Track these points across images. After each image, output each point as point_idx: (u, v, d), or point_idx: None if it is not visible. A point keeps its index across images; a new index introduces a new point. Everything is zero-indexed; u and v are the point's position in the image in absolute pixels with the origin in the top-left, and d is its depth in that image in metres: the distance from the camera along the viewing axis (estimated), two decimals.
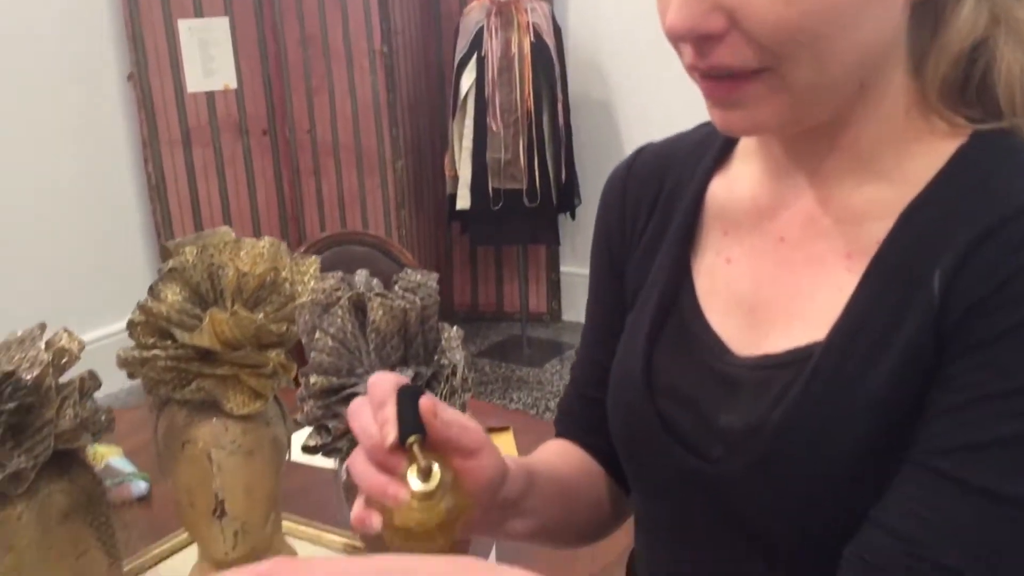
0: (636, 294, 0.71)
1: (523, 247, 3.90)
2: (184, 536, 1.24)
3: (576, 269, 3.98)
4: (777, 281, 0.62)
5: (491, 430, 1.54)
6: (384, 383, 0.61)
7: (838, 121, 0.59)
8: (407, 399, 0.59)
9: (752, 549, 0.61)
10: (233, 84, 3.60)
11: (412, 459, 0.58)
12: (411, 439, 0.57)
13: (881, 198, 0.58)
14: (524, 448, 1.49)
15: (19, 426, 0.90)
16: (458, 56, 3.52)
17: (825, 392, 0.56)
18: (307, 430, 1.08)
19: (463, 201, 3.64)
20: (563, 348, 3.85)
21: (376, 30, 3.50)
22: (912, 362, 0.54)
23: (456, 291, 4.19)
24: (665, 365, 0.66)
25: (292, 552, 1.19)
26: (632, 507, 0.78)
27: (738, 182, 0.67)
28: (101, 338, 2.96)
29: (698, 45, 0.54)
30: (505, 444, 1.51)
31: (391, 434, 0.57)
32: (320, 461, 1.41)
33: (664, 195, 0.70)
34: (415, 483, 0.58)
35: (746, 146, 0.68)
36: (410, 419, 0.58)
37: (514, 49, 3.43)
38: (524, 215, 3.62)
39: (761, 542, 0.61)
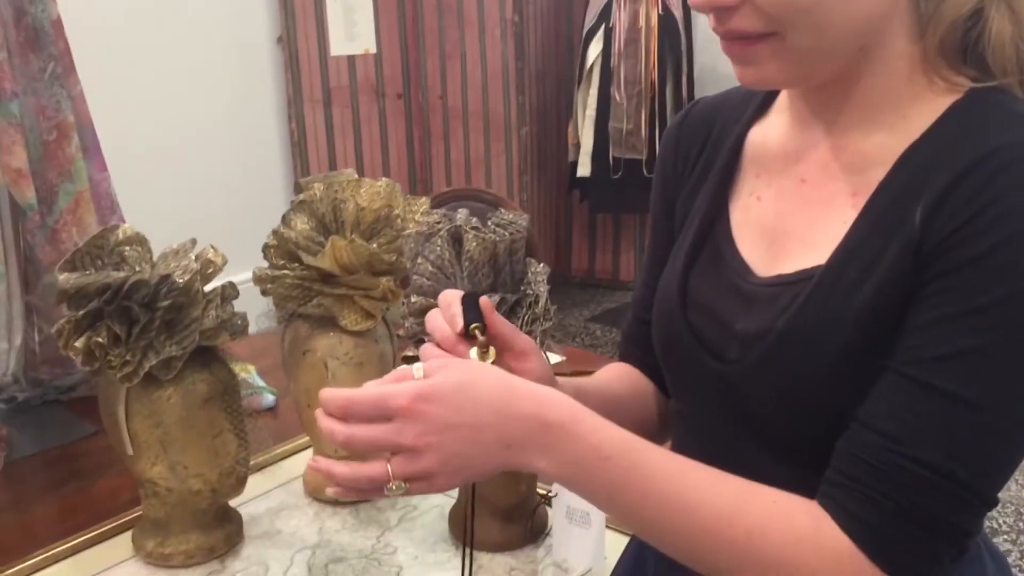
0: (682, 224, 0.81)
1: (641, 217, 3.98)
2: (302, 440, 1.42)
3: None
4: (796, 216, 0.72)
5: (578, 373, 1.66)
6: (450, 294, 0.74)
7: (848, 79, 0.68)
8: (470, 300, 0.73)
9: (759, 443, 0.71)
10: (373, 49, 3.80)
11: (474, 343, 0.71)
12: (473, 325, 0.70)
13: (885, 145, 0.67)
14: None
15: (171, 322, 1.08)
16: (587, 27, 3.62)
17: (821, 304, 0.66)
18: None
19: (584, 169, 3.75)
20: None
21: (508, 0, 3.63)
22: (894, 283, 0.63)
23: (574, 257, 4.31)
24: (698, 283, 0.77)
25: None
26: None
27: (772, 131, 0.76)
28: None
29: (717, 14, 0.65)
30: None
31: (458, 324, 0.71)
32: None
33: (711, 140, 0.80)
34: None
35: (781, 100, 0.78)
36: (473, 313, 0.71)
37: (642, 21, 3.50)
38: (643, 185, 3.70)
39: (765, 435, 0.71)
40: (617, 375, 0.95)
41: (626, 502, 0.65)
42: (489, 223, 1.12)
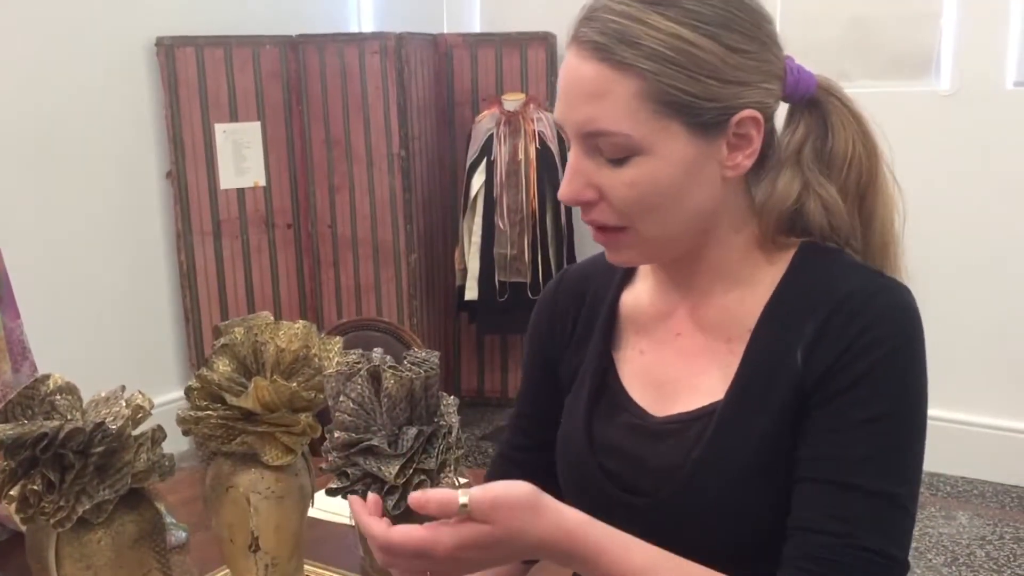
0: (572, 380, 0.94)
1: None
2: (222, 573, 1.46)
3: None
4: (678, 364, 0.86)
5: None
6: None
7: (696, 254, 0.84)
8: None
9: (680, 552, 0.83)
10: (262, 182, 3.91)
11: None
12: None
13: (743, 299, 0.82)
14: None
15: (104, 467, 1.13)
16: (470, 160, 3.83)
17: (728, 433, 0.80)
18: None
19: (471, 292, 3.90)
20: None
21: (395, 135, 3.82)
22: (783, 412, 0.78)
23: (463, 377, 4.42)
24: (602, 429, 0.89)
25: None
26: None
27: (642, 294, 0.91)
28: None
29: (582, 207, 0.81)
30: None
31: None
32: (336, 517, 1.64)
33: (587, 304, 0.94)
34: None
35: (643, 268, 0.93)
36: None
37: (521, 155, 3.74)
38: (527, 306, 3.84)
39: (684, 550, 0.83)
40: None
41: None
42: (405, 361, 1.23)
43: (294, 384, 1.30)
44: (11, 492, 1.10)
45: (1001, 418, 3.42)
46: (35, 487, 1.09)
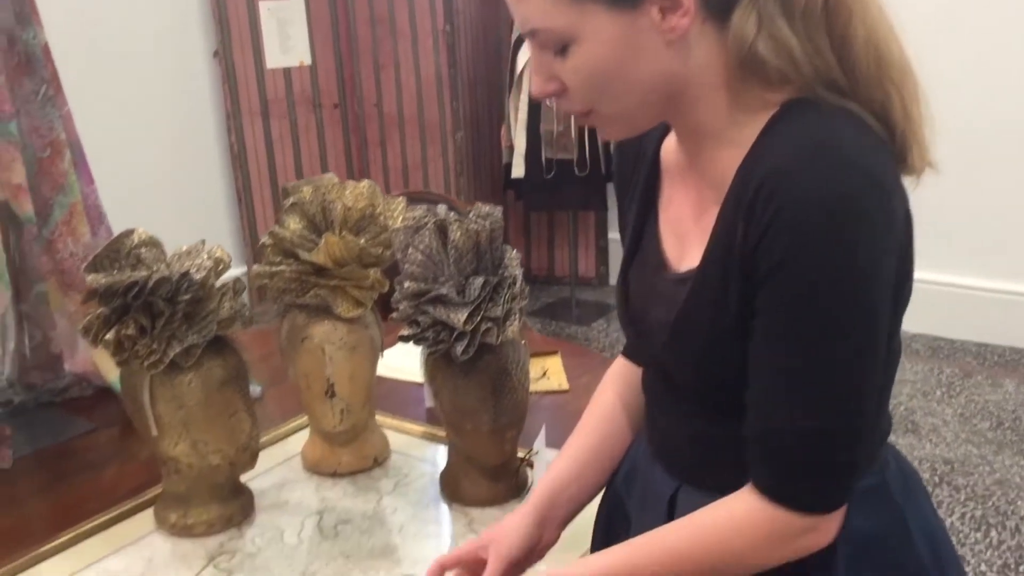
0: (626, 226, 0.98)
1: (573, 214, 4.17)
2: (298, 421, 1.55)
3: None
4: (690, 219, 0.88)
5: (542, 353, 1.83)
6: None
7: (680, 117, 0.83)
8: None
9: (678, 397, 0.90)
10: (308, 61, 3.91)
11: None
12: None
13: (731, 157, 0.80)
14: (569, 367, 1.77)
15: (191, 314, 1.20)
16: (515, 35, 3.78)
17: (699, 298, 0.82)
18: (396, 349, 1.38)
19: (518, 170, 3.91)
20: (609, 309, 4.11)
21: (440, 10, 3.78)
22: (738, 280, 0.78)
23: None
24: (633, 279, 0.93)
25: (382, 435, 1.48)
26: None
27: (672, 145, 0.92)
28: None
29: (554, 99, 0.83)
30: (553, 365, 1.79)
31: None
32: (402, 374, 1.71)
33: (639, 155, 0.96)
34: None
35: None
36: None
37: None
38: (574, 184, 3.88)
39: (681, 393, 0.89)
40: (599, 417, 1.06)
41: None
42: (471, 215, 1.27)
43: (362, 240, 1.35)
44: (106, 337, 1.17)
45: None
46: (129, 332, 1.17)
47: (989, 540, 2.34)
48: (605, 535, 1.05)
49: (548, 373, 1.76)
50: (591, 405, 1.08)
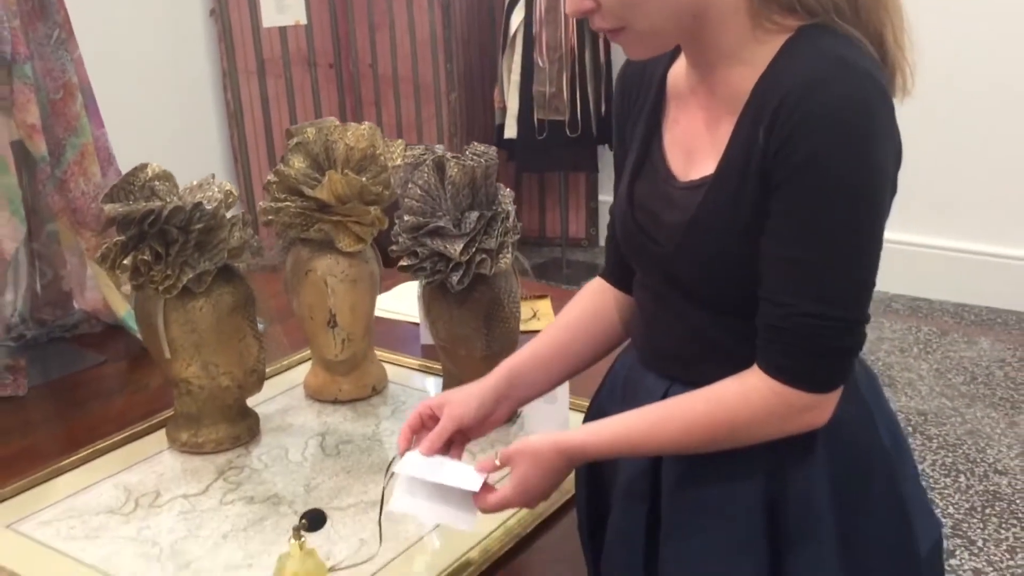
0: (628, 148, 1.05)
1: (564, 175, 4.23)
2: (300, 355, 1.63)
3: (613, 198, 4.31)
4: (700, 134, 0.95)
5: (533, 297, 1.91)
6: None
7: (698, 37, 0.91)
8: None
9: (686, 297, 0.97)
10: (303, 20, 3.95)
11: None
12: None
13: (744, 76, 0.89)
14: (558, 309, 1.84)
15: (202, 243, 1.28)
16: None
17: (715, 201, 0.90)
18: (393, 292, 1.45)
19: (510, 131, 3.97)
20: (599, 269, 4.18)
21: None
22: (755, 186, 0.87)
23: None
24: (640, 190, 1.00)
25: (380, 366, 1.57)
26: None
27: (680, 71, 1.00)
28: None
29: (588, 17, 0.90)
30: (543, 307, 1.87)
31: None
32: (397, 315, 1.80)
33: (644, 81, 1.04)
34: None
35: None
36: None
37: None
38: (566, 145, 3.95)
39: (690, 292, 0.96)
40: (572, 319, 1.15)
41: (638, 453, 0.98)
42: (467, 152, 1.35)
43: (364, 178, 1.42)
44: (124, 263, 1.25)
45: None
46: (145, 258, 1.24)
47: (957, 485, 2.45)
48: None
49: (538, 315, 1.84)
50: (568, 307, 1.15)
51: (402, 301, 1.89)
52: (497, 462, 0.99)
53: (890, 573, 0.96)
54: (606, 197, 4.34)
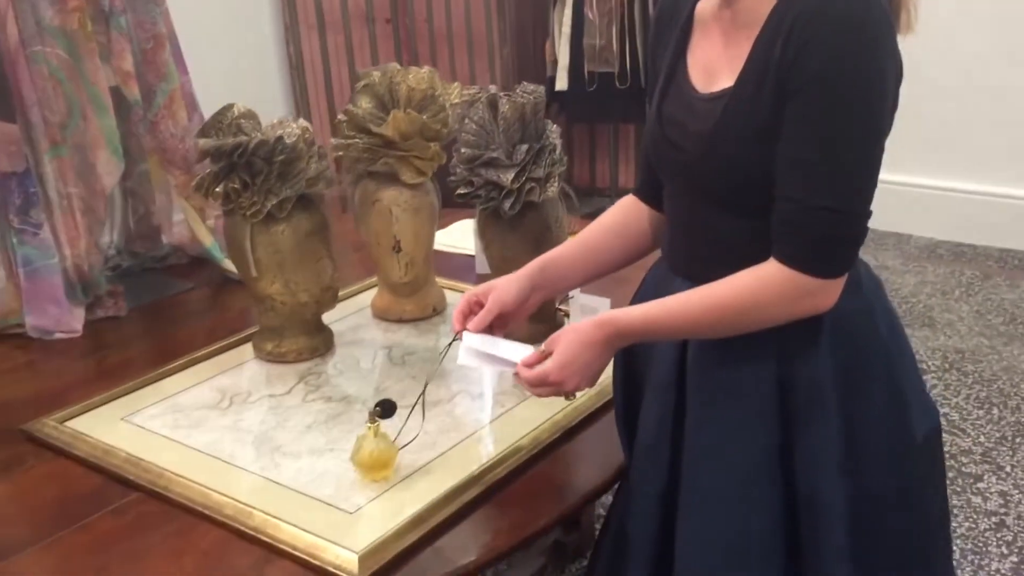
0: (661, 71, 1.18)
1: (614, 126, 4.34)
2: (366, 282, 1.80)
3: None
4: (720, 52, 1.08)
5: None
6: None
7: None
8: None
9: (709, 202, 1.09)
10: None
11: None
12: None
13: (763, 1, 1.02)
14: None
15: (283, 173, 1.44)
16: None
17: (736, 110, 1.03)
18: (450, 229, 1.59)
19: (561, 83, 4.08)
20: None
21: None
22: (774, 93, 0.99)
23: None
24: (668, 106, 1.14)
25: (440, 290, 1.72)
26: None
27: (707, 4, 1.12)
28: None
29: None
30: None
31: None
32: (454, 248, 1.95)
33: (677, 12, 1.16)
34: None
35: None
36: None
37: None
38: (616, 96, 4.05)
39: (712, 197, 1.09)
40: (605, 224, 1.28)
41: (665, 331, 1.09)
42: (517, 90, 1.49)
43: (424, 116, 1.57)
44: (216, 190, 1.42)
45: None
46: (235, 185, 1.41)
47: (990, 416, 2.55)
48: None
49: None
50: (603, 215, 1.29)
51: (458, 236, 2.05)
52: (543, 347, 1.13)
53: (887, 454, 1.09)
54: None
